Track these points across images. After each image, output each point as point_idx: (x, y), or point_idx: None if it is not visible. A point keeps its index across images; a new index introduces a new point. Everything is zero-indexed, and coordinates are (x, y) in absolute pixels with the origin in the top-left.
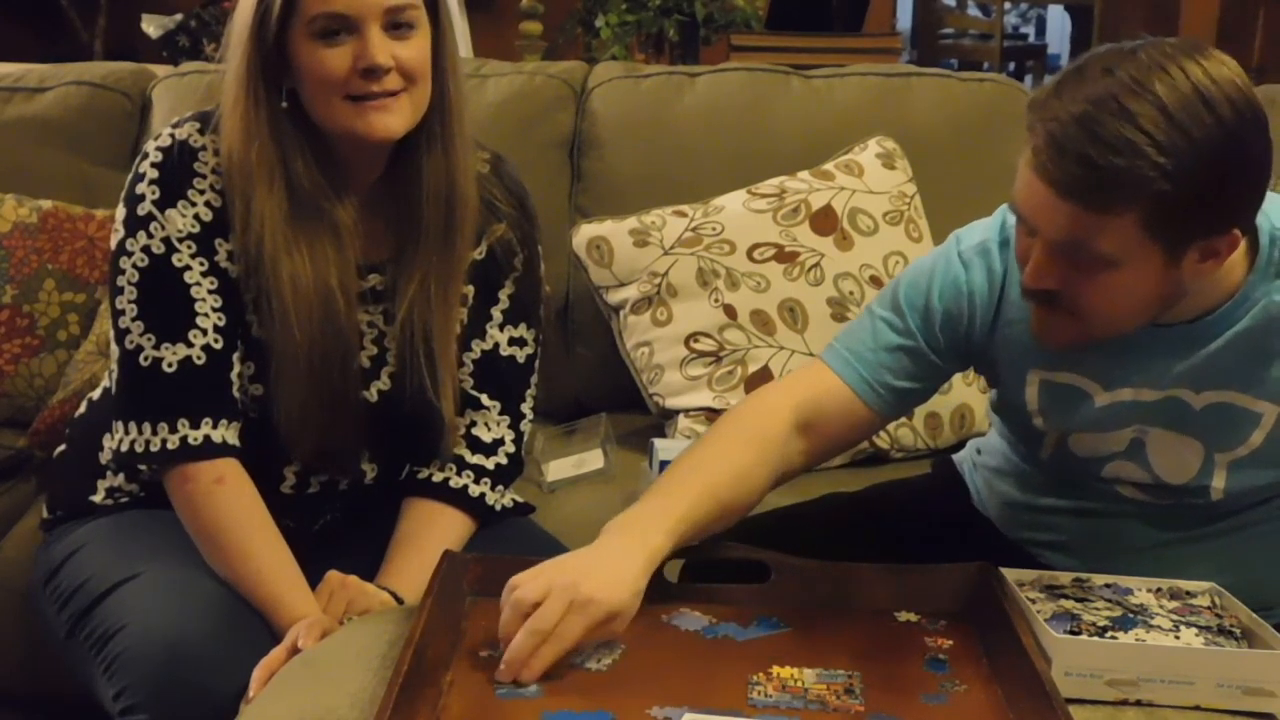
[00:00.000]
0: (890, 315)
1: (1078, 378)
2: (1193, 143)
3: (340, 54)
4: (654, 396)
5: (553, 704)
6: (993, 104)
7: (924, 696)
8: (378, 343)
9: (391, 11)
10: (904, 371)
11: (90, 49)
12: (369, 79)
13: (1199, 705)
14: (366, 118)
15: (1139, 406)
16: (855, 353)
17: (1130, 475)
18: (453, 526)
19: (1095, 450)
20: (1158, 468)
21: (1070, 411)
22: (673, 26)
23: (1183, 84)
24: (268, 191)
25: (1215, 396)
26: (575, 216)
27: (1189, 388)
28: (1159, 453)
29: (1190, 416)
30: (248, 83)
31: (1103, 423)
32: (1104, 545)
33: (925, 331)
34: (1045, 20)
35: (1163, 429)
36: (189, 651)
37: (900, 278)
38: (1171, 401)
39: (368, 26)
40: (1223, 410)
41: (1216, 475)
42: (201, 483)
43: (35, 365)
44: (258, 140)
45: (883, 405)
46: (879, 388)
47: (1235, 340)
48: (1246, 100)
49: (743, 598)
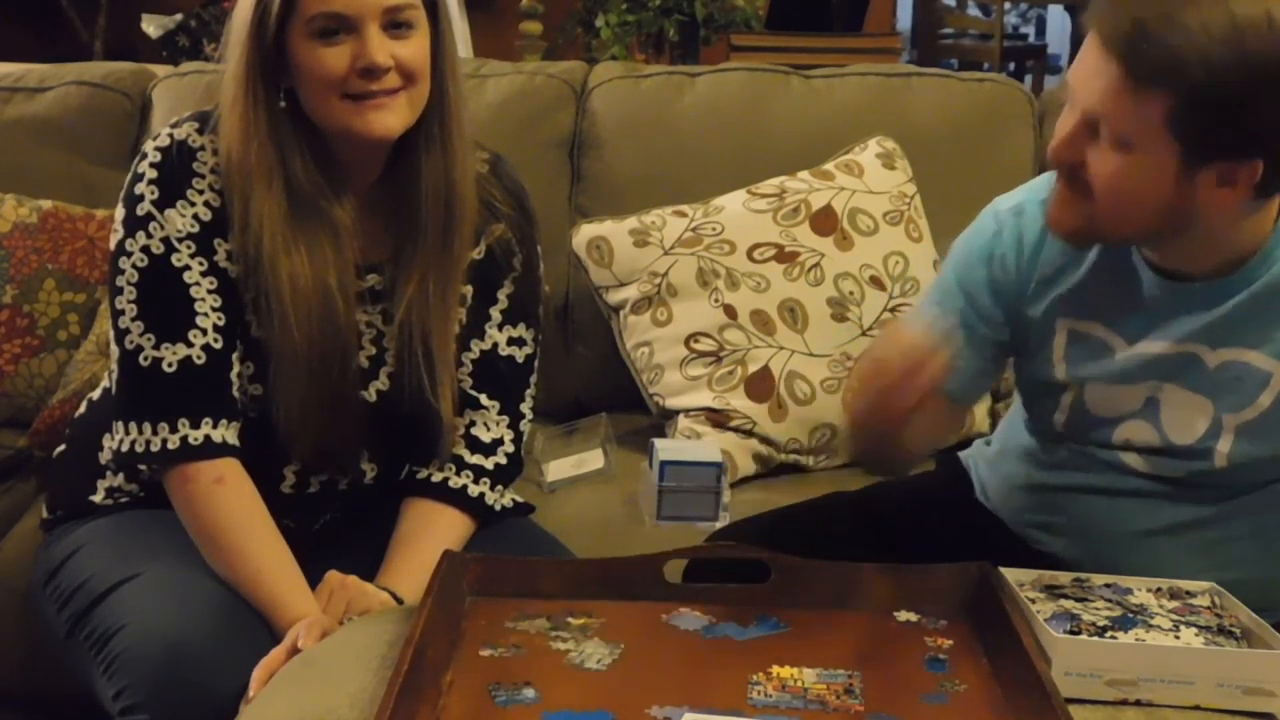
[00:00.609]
0: (937, 300)
1: (1102, 329)
2: (1244, 54)
3: (339, 53)
4: (654, 396)
5: (552, 703)
6: (993, 104)
7: (924, 696)
8: (376, 343)
9: (390, 11)
10: (968, 357)
11: (90, 49)
12: (368, 78)
13: (1199, 705)
14: (365, 117)
15: (1157, 360)
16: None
17: (1140, 438)
18: (452, 526)
19: (1111, 408)
20: (1167, 427)
21: (1092, 362)
22: (673, 26)
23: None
24: (266, 191)
25: (1229, 354)
26: (575, 216)
27: (1206, 344)
28: (1171, 411)
29: (1204, 374)
30: (246, 82)
31: (1121, 375)
32: (1106, 528)
33: (970, 303)
34: (1045, 20)
35: (1177, 386)
36: (189, 651)
37: (945, 263)
38: (1188, 357)
39: (366, 26)
40: (1235, 369)
41: (1223, 438)
42: (201, 483)
43: (35, 365)
44: (256, 140)
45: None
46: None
47: (1254, 298)
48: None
49: (743, 598)
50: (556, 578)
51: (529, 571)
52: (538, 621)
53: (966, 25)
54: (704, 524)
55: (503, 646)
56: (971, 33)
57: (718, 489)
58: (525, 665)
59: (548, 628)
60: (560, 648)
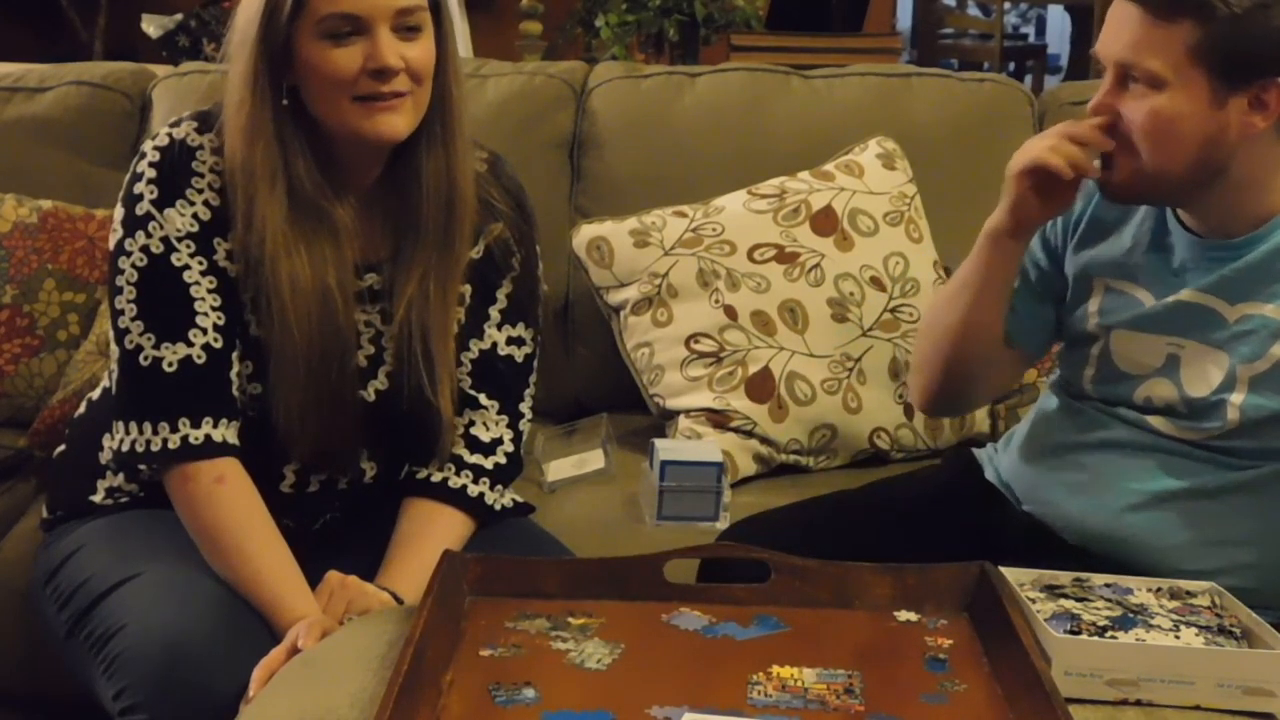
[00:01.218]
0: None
1: (1134, 286)
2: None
3: (350, 54)
4: (654, 397)
5: (552, 703)
6: (993, 104)
7: (924, 696)
8: (375, 342)
9: (402, 14)
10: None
11: (90, 49)
12: (379, 80)
13: (1199, 705)
14: (374, 119)
15: (1179, 309)
16: None
17: (1160, 394)
18: (452, 526)
19: (1135, 363)
20: (1186, 382)
21: (1122, 311)
22: (673, 26)
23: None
24: (270, 192)
25: (1247, 309)
26: (575, 216)
27: (1225, 299)
28: (1190, 368)
29: (1223, 330)
30: (254, 82)
31: (1147, 323)
32: (1121, 484)
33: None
34: (1045, 20)
35: (1196, 343)
36: (189, 651)
37: None
38: (1208, 313)
39: (377, 27)
40: (1252, 322)
41: (1236, 390)
42: (202, 482)
43: (35, 365)
44: (262, 140)
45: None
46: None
47: (1273, 252)
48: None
49: (743, 597)
50: (556, 578)
51: (529, 571)
52: (538, 621)
53: (966, 25)
54: (704, 524)
55: (503, 646)
56: (971, 33)
57: (718, 489)
58: (525, 665)
59: (548, 628)
60: (560, 648)
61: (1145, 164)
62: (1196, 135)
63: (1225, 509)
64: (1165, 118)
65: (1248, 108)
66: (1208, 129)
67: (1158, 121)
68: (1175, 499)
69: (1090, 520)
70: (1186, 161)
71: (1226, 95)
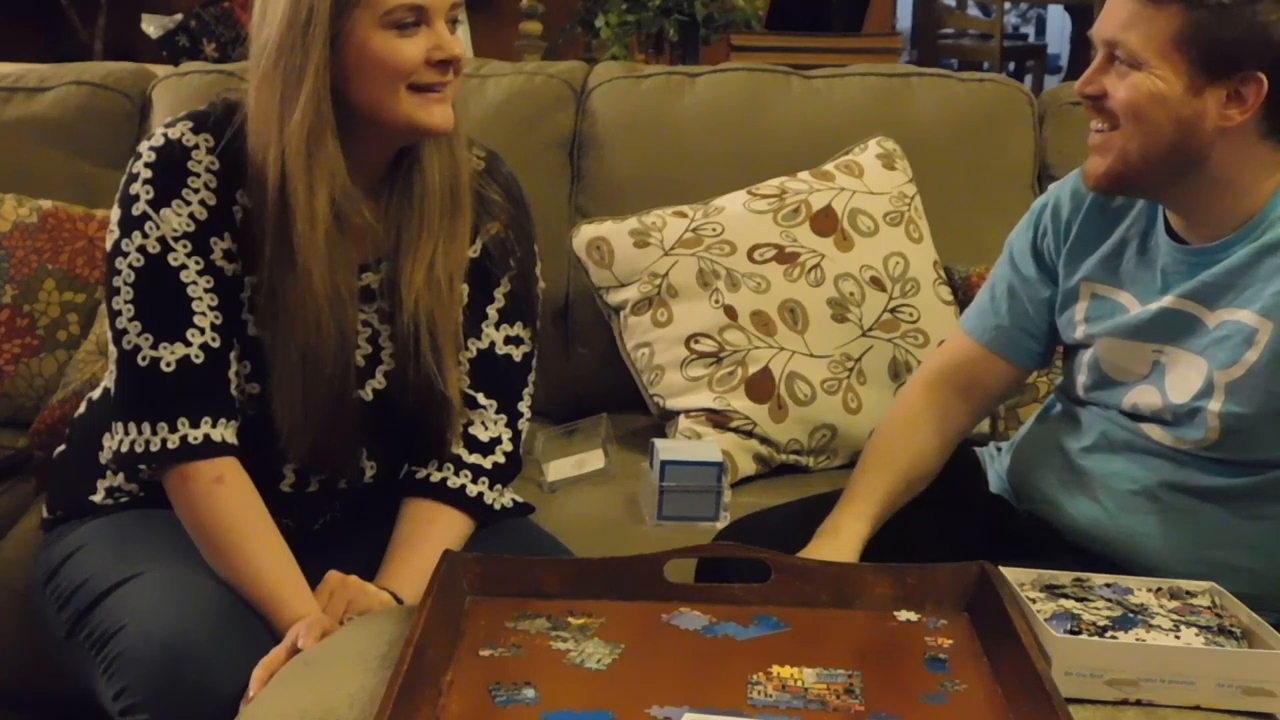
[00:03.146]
0: (1000, 267)
1: (1119, 292)
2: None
3: (415, 44)
4: (654, 397)
5: (552, 703)
6: (993, 104)
7: (924, 696)
8: (372, 341)
9: (454, 7)
10: (1020, 313)
11: (90, 49)
12: (441, 70)
13: (1199, 705)
14: (430, 109)
15: (1161, 315)
16: (979, 310)
17: (1147, 402)
18: (452, 526)
19: (1121, 370)
20: (1169, 389)
21: (1107, 319)
22: (673, 26)
23: None
24: (324, 192)
25: (1225, 314)
26: (575, 217)
27: (1204, 305)
28: (1173, 374)
29: (1203, 336)
30: (319, 80)
31: (1131, 331)
32: (1115, 488)
33: (1014, 268)
34: (1045, 20)
35: (1178, 349)
36: (189, 651)
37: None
38: (1188, 318)
39: (436, 19)
40: (1229, 328)
41: (1214, 398)
42: (201, 482)
43: (35, 365)
44: (326, 140)
45: (1016, 354)
46: (1002, 337)
47: (1250, 255)
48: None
49: (743, 597)
50: (556, 578)
51: (529, 571)
52: (538, 621)
53: (966, 25)
54: (704, 524)
55: (503, 646)
56: (971, 33)
57: (718, 489)
58: (525, 665)
59: (548, 628)
60: (560, 648)
61: (1124, 146)
62: (1172, 118)
63: (1220, 514)
64: (1143, 95)
65: (1226, 100)
66: (1183, 113)
67: (1135, 96)
68: (1171, 503)
69: (1088, 522)
70: (1163, 145)
71: (1204, 84)
